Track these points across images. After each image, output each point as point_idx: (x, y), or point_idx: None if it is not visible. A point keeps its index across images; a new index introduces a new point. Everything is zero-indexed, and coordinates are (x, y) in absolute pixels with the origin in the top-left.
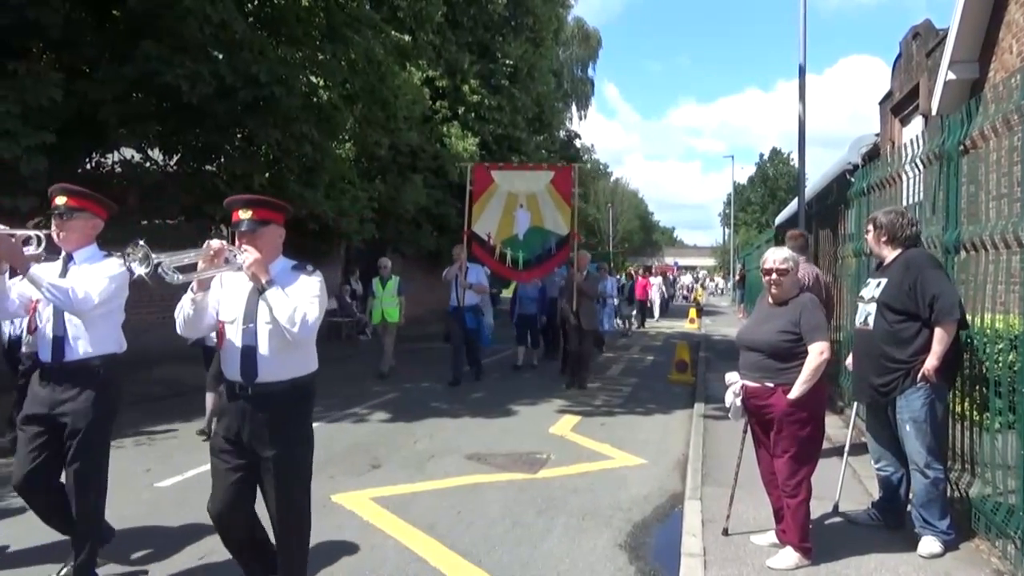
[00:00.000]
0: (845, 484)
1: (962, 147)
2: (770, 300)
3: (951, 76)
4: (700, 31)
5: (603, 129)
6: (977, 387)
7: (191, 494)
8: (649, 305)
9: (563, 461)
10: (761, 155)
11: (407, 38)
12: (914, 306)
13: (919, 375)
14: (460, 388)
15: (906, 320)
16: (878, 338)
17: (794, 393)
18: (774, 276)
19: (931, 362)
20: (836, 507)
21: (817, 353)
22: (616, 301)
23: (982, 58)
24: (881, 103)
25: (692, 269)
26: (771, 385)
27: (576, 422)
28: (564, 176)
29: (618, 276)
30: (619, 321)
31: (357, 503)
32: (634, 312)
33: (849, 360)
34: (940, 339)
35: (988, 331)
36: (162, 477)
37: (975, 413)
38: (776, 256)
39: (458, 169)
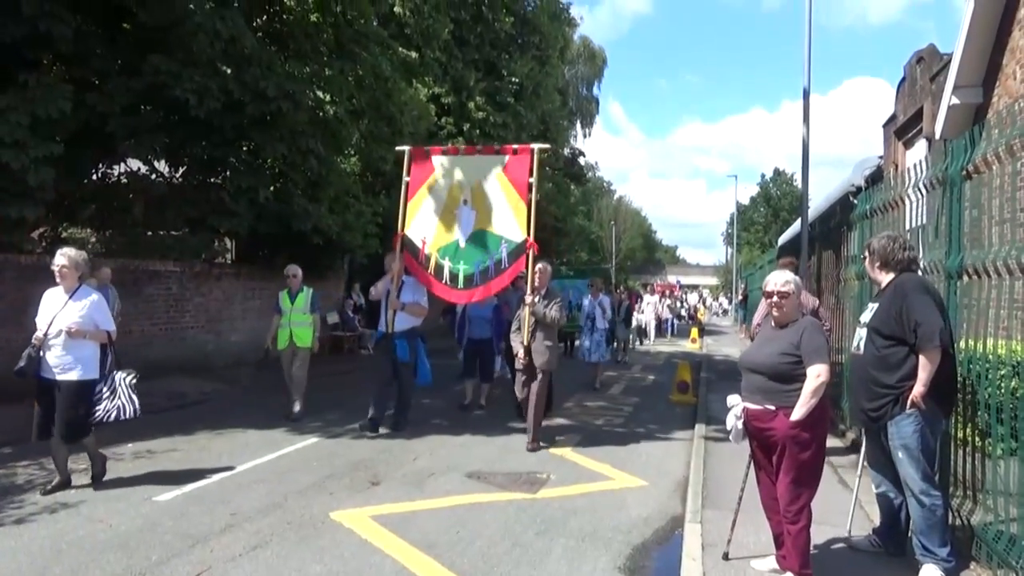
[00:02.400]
0: (847, 509)
1: (965, 172)
2: (772, 323)
3: (955, 100)
4: (708, 50)
5: (609, 147)
6: (979, 413)
7: (190, 508)
8: (643, 327)
9: (563, 481)
10: (763, 175)
11: (414, 55)
12: (901, 331)
13: (908, 401)
14: (460, 404)
15: (895, 345)
16: (868, 363)
17: (795, 416)
18: (775, 299)
19: (918, 388)
20: (849, 535)
21: (815, 376)
22: (606, 324)
23: (986, 83)
24: (885, 126)
25: (695, 287)
26: (773, 408)
27: (577, 441)
28: (520, 162)
29: (620, 292)
30: (616, 344)
31: (356, 521)
32: (631, 336)
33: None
34: (923, 366)
35: (991, 357)
36: (161, 491)
37: (977, 439)
38: (778, 279)
39: None
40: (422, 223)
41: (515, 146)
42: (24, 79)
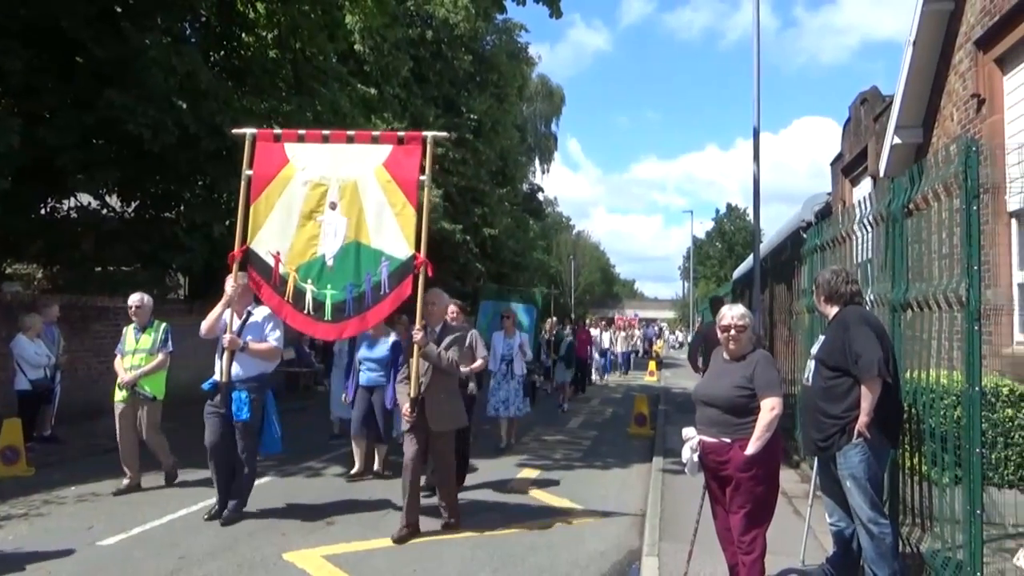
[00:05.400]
0: (801, 538)
1: (907, 209)
2: (726, 356)
3: (897, 140)
4: (666, 87)
5: (569, 182)
6: (926, 442)
7: (135, 552)
8: (589, 362)
9: (521, 517)
10: (717, 210)
11: (373, 91)
12: (845, 363)
13: (855, 432)
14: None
15: (839, 376)
16: (815, 394)
17: (750, 449)
18: (732, 332)
19: (862, 418)
20: (803, 563)
21: (768, 409)
22: (523, 369)
23: (926, 124)
24: (833, 164)
25: (653, 321)
26: (728, 440)
27: (535, 476)
28: (408, 155)
29: (555, 327)
30: (553, 390)
31: (308, 561)
32: (567, 380)
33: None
34: (865, 395)
35: (935, 387)
36: (105, 535)
37: (925, 468)
38: (734, 313)
39: None
40: (274, 233)
41: (401, 133)
42: None
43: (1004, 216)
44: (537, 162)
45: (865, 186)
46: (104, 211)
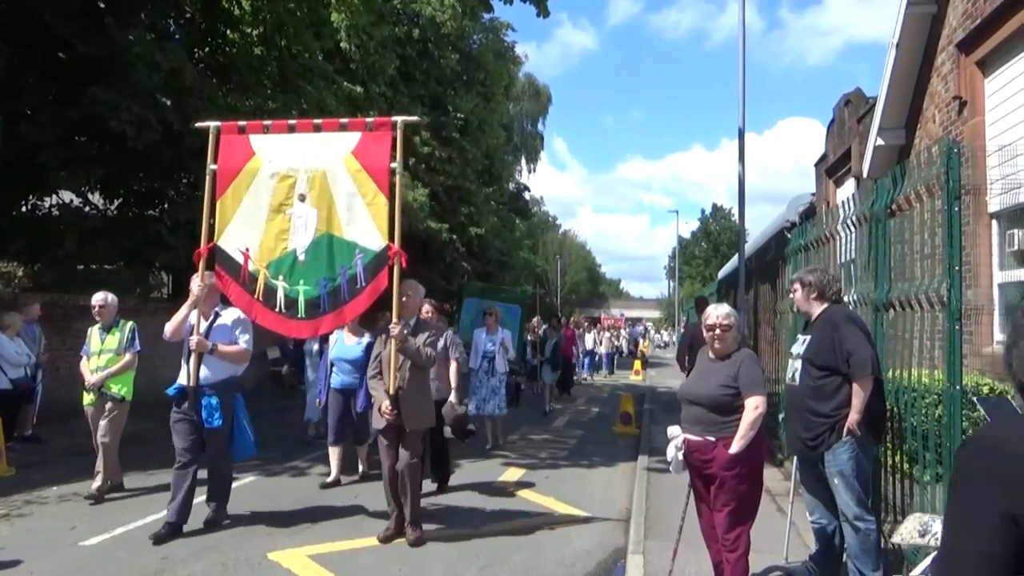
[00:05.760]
0: (784, 536)
1: (890, 210)
2: (711, 355)
3: (880, 142)
4: (653, 87)
5: (555, 182)
6: (908, 440)
7: (118, 553)
8: (574, 361)
9: (507, 516)
10: (703, 210)
11: (359, 89)
12: (834, 361)
13: (844, 429)
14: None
15: (828, 375)
16: (804, 393)
17: (734, 448)
18: (718, 332)
19: (853, 416)
20: (786, 560)
21: (752, 407)
22: (506, 367)
23: (908, 125)
24: (817, 164)
25: (639, 320)
26: (712, 439)
27: (521, 475)
28: (377, 143)
29: (540, 327)
30: (540, 389)
31: (294, 561)
32: (550, 383)
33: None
34: (857, 393)
35: (917, 386)
36: (88, 535)
37: (906, 465)
38: (719, 312)
39: (407, 219)
40: (242, 229)
41: (369, 119)
42: None
43: (985, 217)
44: (523, 161)
45: (849, 187)
46: (87, 208)
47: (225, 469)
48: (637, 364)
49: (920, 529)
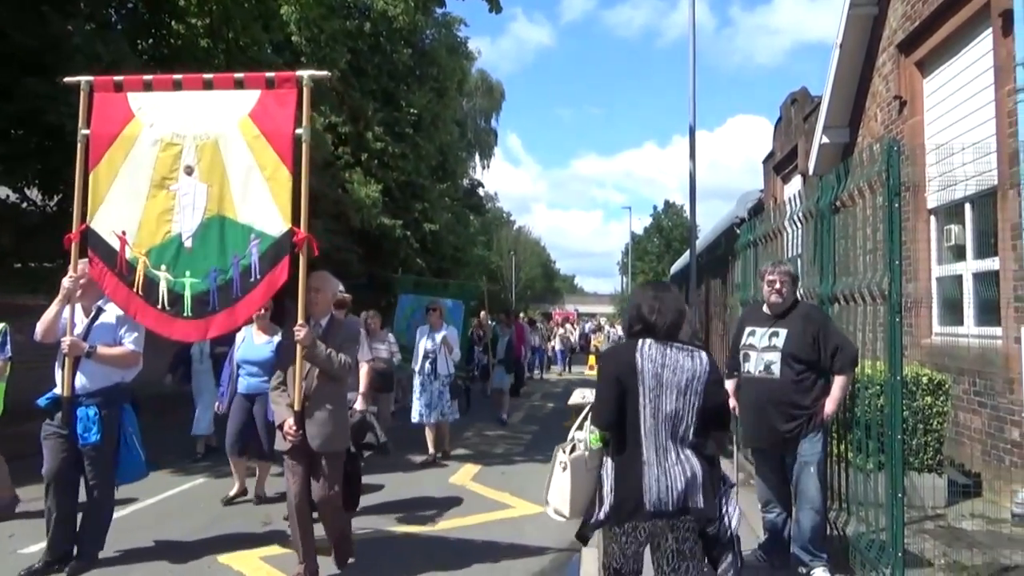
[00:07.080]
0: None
1: (834, 206)
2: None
3: (825, 140)
4: (606, 83)
5: (510, 178)
6: (853, 430)
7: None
8: (524, 361)
9: (462, 512)
10: (655, 207)
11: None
12: (816, 356)
13: (819, 420)
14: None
15: (808, 370)
16: (786, 387)
17: None
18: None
19: (830, 407)
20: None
21: None
22: (450, 369)
23: (852, 124)
24: (765, 161)
25: (592, 316)
26: None
27: (476, 471)
28: (280, 103)
29: (487, 323)
30: (491, 392)
31: (245, 563)
32: (506, 387)
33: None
34: (842, 386)
35: (860, 377)
36: (27, 543)
37: (851, 455)
38: None
39: (360, 215)
40: (118, 207)
41: (270, 74)
42: None
43: (924, 213)
44: (477, 157)
45: (796, 183)
46: (24, 204)
47: (102, 495)
48: (591, 359)
49: (581, 393)
